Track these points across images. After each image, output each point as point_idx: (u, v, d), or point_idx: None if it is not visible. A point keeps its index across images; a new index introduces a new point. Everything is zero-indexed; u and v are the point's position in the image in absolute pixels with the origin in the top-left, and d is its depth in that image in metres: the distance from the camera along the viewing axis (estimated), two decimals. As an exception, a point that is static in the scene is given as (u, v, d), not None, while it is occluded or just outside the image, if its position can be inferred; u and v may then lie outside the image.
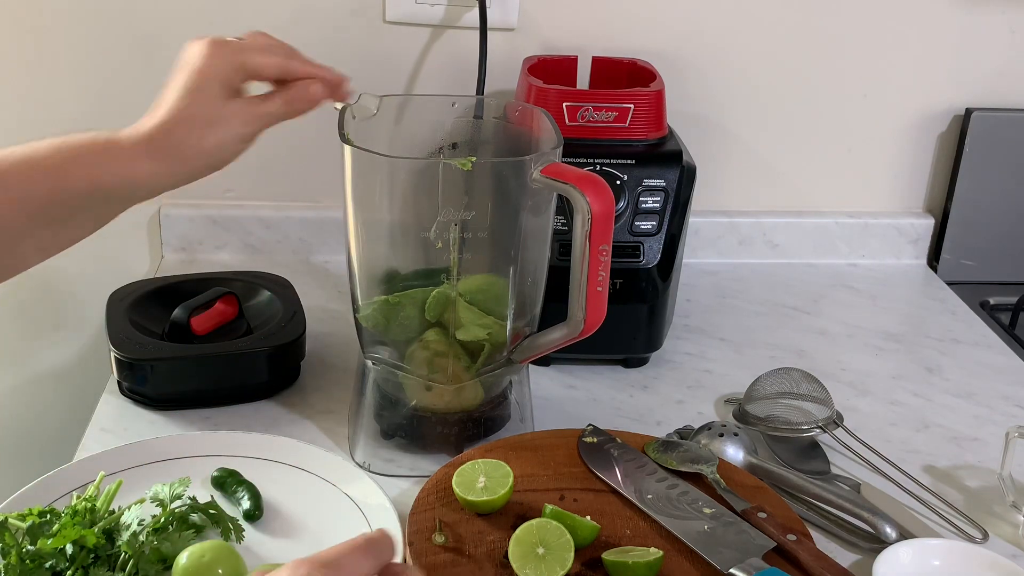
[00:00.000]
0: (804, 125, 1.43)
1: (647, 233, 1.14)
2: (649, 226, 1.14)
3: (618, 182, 1.12)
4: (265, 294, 1.17)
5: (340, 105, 0.95)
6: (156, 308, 1.12)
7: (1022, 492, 0.99)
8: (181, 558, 0.80)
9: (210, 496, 0.89)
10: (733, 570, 0.81)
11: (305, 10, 1.29)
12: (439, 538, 0.85)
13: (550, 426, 1.03)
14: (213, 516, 0.87)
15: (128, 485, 0.88)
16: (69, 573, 0.79)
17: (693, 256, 1.42)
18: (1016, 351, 1.29)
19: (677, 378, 1.18)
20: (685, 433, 1.04)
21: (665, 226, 1.14)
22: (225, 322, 1.12)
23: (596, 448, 0.97)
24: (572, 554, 0.81)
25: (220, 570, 0.80)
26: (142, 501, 0.85)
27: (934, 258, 1.50)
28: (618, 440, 0.98)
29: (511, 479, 0.88)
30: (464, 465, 0.90)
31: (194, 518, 0.86)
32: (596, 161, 1.12)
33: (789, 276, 1.45)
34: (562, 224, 1.08)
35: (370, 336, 0.98)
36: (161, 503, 0.85)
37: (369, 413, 1.01)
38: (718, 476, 0.93)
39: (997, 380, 1.22)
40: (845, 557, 0.91)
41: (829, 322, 1.33)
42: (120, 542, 0.81)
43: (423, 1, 1.29)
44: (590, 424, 1.00)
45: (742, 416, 1.08)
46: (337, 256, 1.38)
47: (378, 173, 0.92)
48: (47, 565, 0.79)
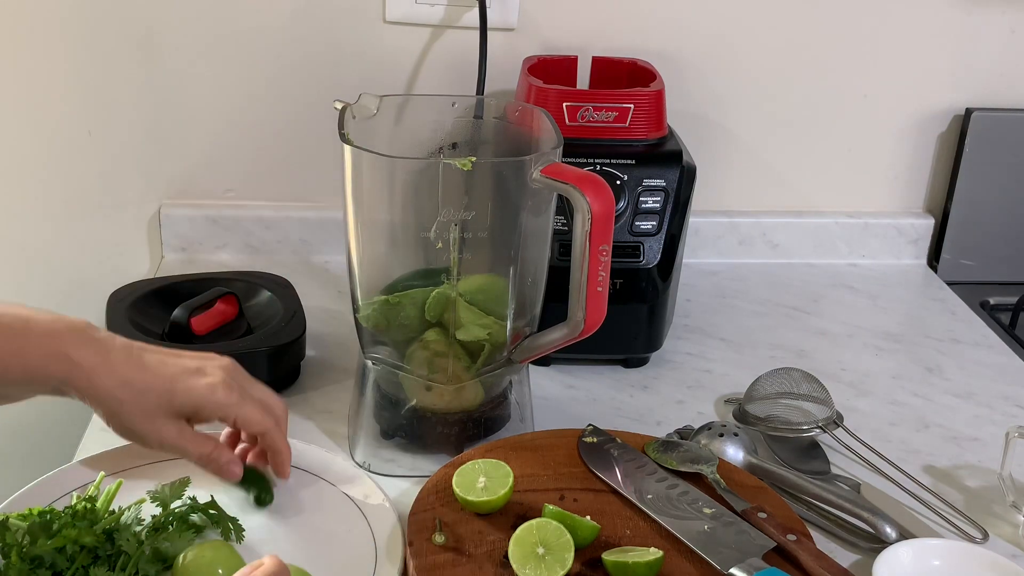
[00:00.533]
0: (804, 125, 1.43)
1: (647, 233, 1.14)
2: (649, 226, 1.14)
3: (618, 182, 1.12)
4: (265, 294, 1.17)
5: (341, 105, 0.96)
6: (156, 308, 1.12)
7: (1022, 492, 0.99)
8: (181, 558, 0.80)
9: (210, 496, 0.89)
10: (733, 570, 0.81)
11: (305, 10, 1.29)
12: (439, 538, 0.85)
13: (550, 426, 1.03)
14: (213, 516, 0.87)
15: (128, 485, 0.88)
16: (69, 573, 0.79)
17: (693, 256, 1.42)
18: (1016, 351, 1.29)
19: (677, 378, 1.18)
20: (685, 433, 1.04)
21: (665, 226, 1.14)
22: (225, 322, 1.12)
23: (596, 448, 0.97)
24: (572, 554, 0.81)
25: (220, 570, 0.80)
26: (142, 501, 0.85)
27: (934, 258, 1.50)
28: (618, 440, 0.98)
29: (511, 479, 0.88)
30: (464, 465, 0.90)
31: (194, 518, 0.86)
32: (596, 161, 1.12)
33: (789, 276, 1.45)
34: (562, 224, 1.08)
35: (370, 336, 0.98)
36: (161, 503, 0.85)
37: (369, 413, 1.01)
38: (718, 476, 0.93)
39: (997, 380, 1.22)
40: (845, 557, 0.91)
41: (829, 322, 1.33)
42: (120, 542, 0.81)
43: (423, 1, 1.29)
44: (590, 424, 1.00)
45: (742, 416, 1.08)
46: (337, 256, 1.38)
47: (378, 173, 0.92)
48: (47, 565, 0.79)
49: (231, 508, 0.88)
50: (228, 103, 1.33)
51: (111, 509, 0.85)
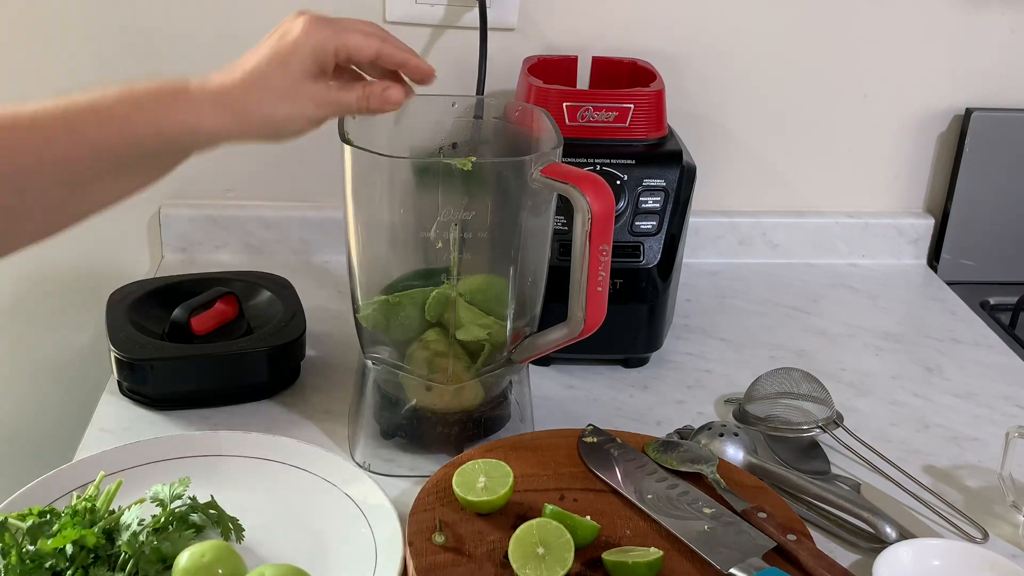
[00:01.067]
0: (804, 125, 1.43)
1: (647, 233, 1.14)
2: (649, 226, 1.14)
3: (618, 182, 1.12)
4: (265, 294, 1.17)
5: None
6: (156, 308, 1.12)
7: (1022, 492, 0.99)
8: (181, 558, 0.80)
9: (210, 496, 0.89)
10: (733, 570, 0.81)
11: (305, 10, 1.29)
12: (439, 538, 0.85)
13: (550, 426, 1.03)
14: (213, 516, 0.87)
15: (128, 485, 0.88)
16: (69, 573, 0.79)
17: (693, 256, 1.42)
18: (1016, 351, 1.29)
19: (677, 378, 1.18)
20: (685, 433, 1.04)
21: (665, 226, 1.14)
22: (225, 322, 1.12)
23: (596, 448, 0.97)
24: (572, 554, 0.81)
25: (220, 570, 0.80)
26: (142, 501, 0.85)
27: (934, 258, 1.50)
28: (618, 440, 0.98)
29: (511, 479, 0.88)
30: (464, 465, 0.90)
31: (194, 518, 0.86)
32: (596, 161, 1.12)
33: (789, 276, 1.45)
34: (562, 224, 1.08)
35: (370, 336, 0.98)
36: (161, 503, 0.85)
37: (369, 413, 1.01)
38: (718, 476, 0.93)
39: (997, 380, 1.22)
40: (845, 557, 0.91)
41: (829, 322, 1.33)
42: (120, 542, 0.81)
43: (423, 1, 1.29)
44: (590, 424, 1.00)
45: (742, 416, 1.08)
46: (337, 256, 1.38)
47: (378, 173, 0.92)
48: (47, 565, 0.79)
49: (231, 508, 0.88)
50: (228, 103, 1.33)
51: (111, 509, 0.85)
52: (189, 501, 0.86)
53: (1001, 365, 1.25)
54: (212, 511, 0.86)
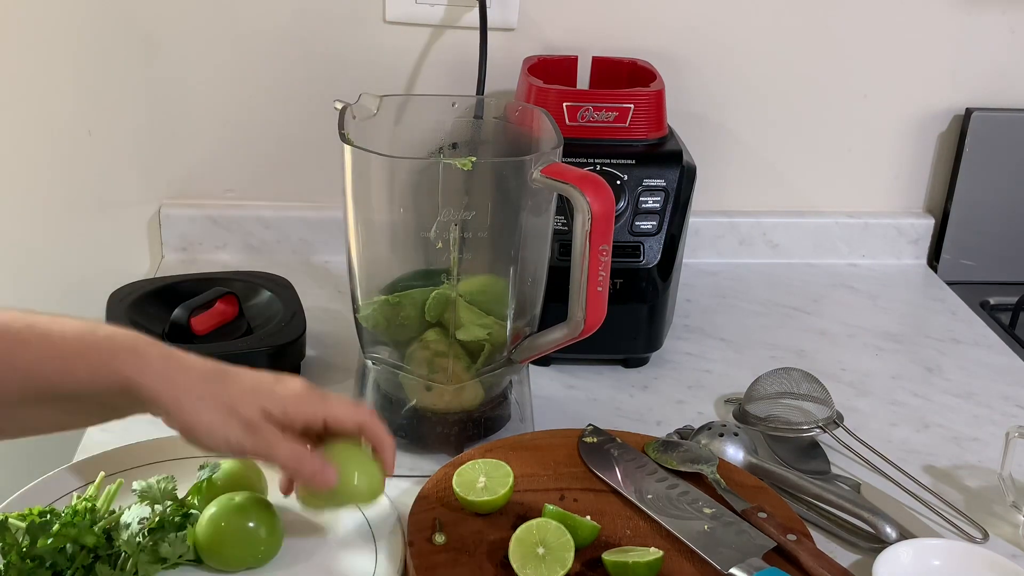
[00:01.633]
0: (804, 125, 1.43)
1: (647, 233, 1.14)
2: (649, 226, 1.14)
3: (618, 182, 1.12)
4: (265, 294, 1.17)
5: (340, 105, 0.96)
6: (156, 308, 1.12)
7: (1022, 492, 0.99)
8: (209, 509, 0.83)
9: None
10: (733, 570, 0.81)
11: (305, 10, 1.29)
12: (439, 538, 0.85)
13: (550, 426, 1.03)
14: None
15: (128, 485, 0.88)
16: (69, 573, 0.79)
17: (693, 256, 1.42)
18: (1016, 351, 1.29)
19: (677, 378, 1.18)
20: (685, 433, 1.04)
21: (665, 226, 1.14)
22: (225, 322, 1.12)
23: (596, 448, 0.97)
24: (572, 554, 0.81)
25: (241, 481, 0.85)
26: (141, 500, 0.85)
27: (934, 258, 1.50)
28: (618, 440, 0.98)
29: (511, 479, 0.88)
30: (464, 465, 0.90)
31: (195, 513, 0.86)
32: (596, 161, 1.12)
33: (789, 276, 1.45)
34: (562, 224, 1.08)
35: (370, 336, 0.98)
36: (151, 501, 0.85)
37: (369, 413, 1.01)
38: (718, 476, 0.93)
39: (997, 380, 1.22)
40: (845, 557, 0.91)
41: (829, 322, 1.33)
42: (120, 542, 0.81)
43: (423, 1, 1.29)
44: (590, 424, 1.00)
45: (742, 416, 1.08)
46: (337, 256, 1.38)
47: (378, 173, 0.92)
48: (47, 565, 0.79)
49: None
50: (228, 103, 1.33)
51: (111, 509, 0.85)
52: (181, 507, 0.86)
53: (1001, 365, 1.25)
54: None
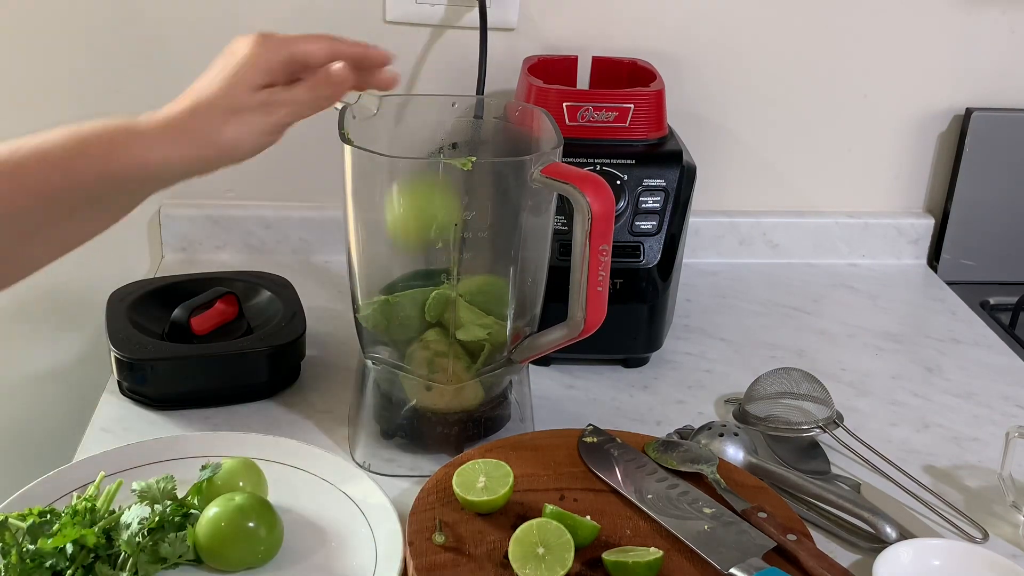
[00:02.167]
0: (804, 125, 1.43)
1: (647, 233, 1.14)
2: (649, 226, 1.14)
3: (618, 182, 1.12)
4: (265, 294, 1.17)
5: (340, 105, 0.95)
6: (156, 308, 1.12)
7: (1022, 492, 0.99)
8: (209, 509, 0.84)
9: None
10: (733, 570, 0.81)
11: (305, 10, 1.29)
12: (439, 538, 0.85)
13: (550, 426, 1.03)
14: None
15: (128, 485, 0.88)
16: (69, 573, 0.79)
17: (693, 256, 1.42)
18: (1016, 351, 1.29)
19: (677, 378, 1.18)
20: (685, 433, 1.04)
21: (665, 226, 1.14)
22: (225, 322, 1.12)
23: (596, 448, 0.97)
24: (572, 554, 0.81)
25: (241, 481, 0.86)
26: (141, 500, 0.85)
27: (934, 258, 1.50)
28: (618, 440, 0.98)
29: (511, 479, 0.88)
30: (464, 465, 0.90)
31: (195, 512, 0.86)
32: (596, 161, 1.12)
33: (789, 276, 1.45)
34: (562, 224, 1.08)
35: (370, 336, 0.98)
36: (151, 501, 0.85)
37: (369, 413, 1.01)
38: (718, 476, 0.93)
39: (997, 380, 1.22)
40: (845, 557, 0.91)
41: (829, 322, 1.33)
42: (120, 542, 0.81)
43: (423, 1, 1.29)
44: (590, 424, 1.00)
45: (742, 416, 1.08)
46: (337, 256, 1.38)
47: (378, 173, 0.92)
48: (47, 565, 0.79)
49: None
50: (228, 103, 1.33)
51: (111, 509, 0.85)
52: (181, 507, 0.86)
53: (1001, 365, 1.25)
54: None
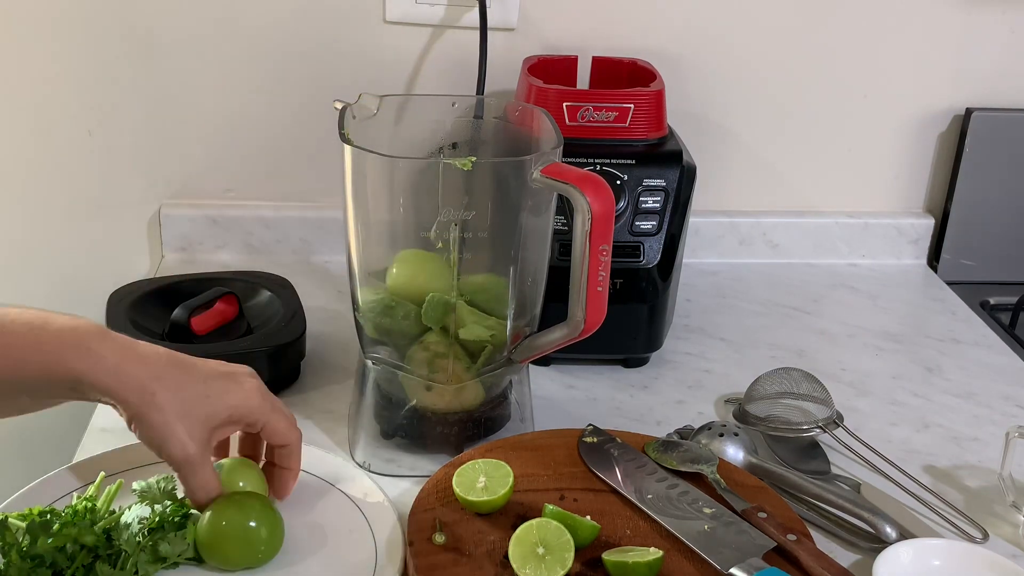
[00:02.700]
0: (804, 125, 1.43)
1: (647, 233, 1.14)
2: (649, 226, 1.14)
3: (618, 182, 1.12)
4: (265, 294, 1.17)
5: (341, 104, 0.96)
6: (156, 308, 1.12)
7: (1022, 492, 0.99)
8: (209, 509, 0.83)
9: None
10: (733, 570, 0.81)
11: (305, 10, 1.29)
12: (439, 538, 0.85)
13: (550, 426, 1.03)
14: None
15: (128, 485, 0.88)
16: (69, 573, 0.79)
17: (693, 256, 1.42)
18: (1016, 351, 1.29)
19: (677, 378, 1.18)
20: (685, 433, 1.04)
21: (665, 226, 1.14)
22: (225, 322, 1.12)
23: (596, 448, 0.97)
24: (572, 554, 0.81)
25: (241, 482, 0.85)
26: (141, 500, 0.85)
27: (934, 258, 1.50)
28: (618, 440, 0.98)
29: (511, 479, 0.88)
30: (464, 465, 0.90)
31: (194, 516, 0.86)
32: (596, 161, 1.12)
33: (789, 276, 1.45)
34: (562, 224, 1.08)
35: (370, 336, 0.98)
36: (151, 501, 0.85)
37: (369, 413, 1.01)
38: (718, 476, 0.93)
39: (997, 380, 1.22)
40: (845, 557, 0.91)
41: (829, 322, 1.33)
42: (120, 542, 0.81)
43: (423, 1, 1.29)
44: (590, 424, 1.00)
45: (742, 416, 1.08)
46: (337, 256, 1.38)
47: (378, 173, 0.92)
48: (47, 565, 0.79)
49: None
50: (228, 103, 1.33)
51: (111, 509, 0.85)
52: (181, 506, 0.86)
53: (1001, 365, 1.25)
54: None
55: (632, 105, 1.13)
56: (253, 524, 0.83)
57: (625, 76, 1.27)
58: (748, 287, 1.41)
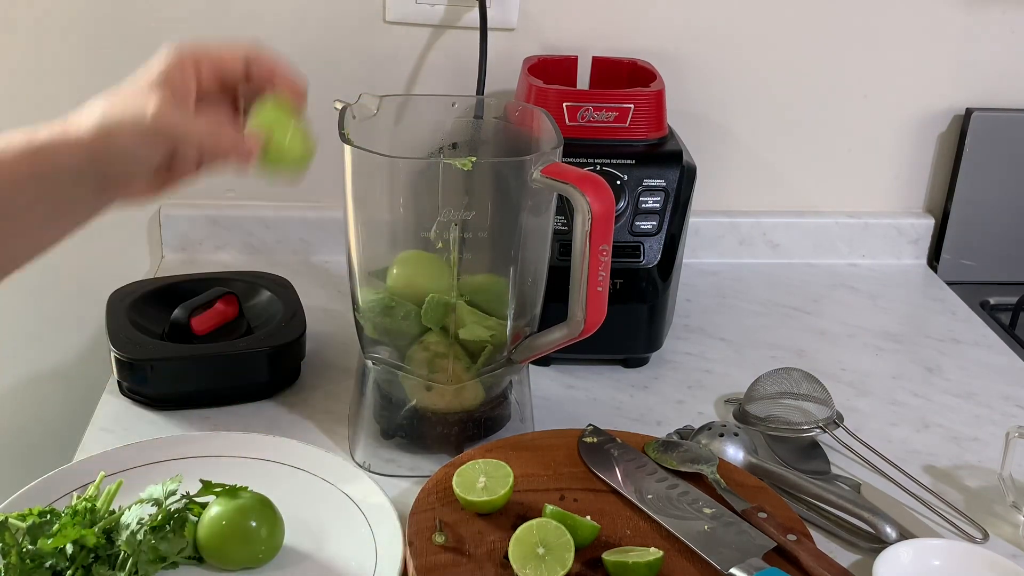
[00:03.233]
0: (804, 125, 1.43)
1: (647, 233, 1.14)
2: (649, 226, 1.14)
3: (618, 182, 1.12)
4: (265, 294, 1.17)
5: (341, 104, 0.96)
6: (156, 308, 1.12)
7: (1022, 492, 0.99)
8: (210, 508, 0.83)
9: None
10: (733, 570, 0.81)
11: (305, 10, 1.29)
12: (439, 538, 0.85)
13: (550, 426, 1.03)
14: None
15: (128, 485, 0.88)
16: (69, 573, 0.79)
17: (693, 256, 1.42)
18: (1016, 351, 1.29)
19: (677, 378, 1.18)
20: (685, 433, 1.04)
21: (665, 226, 1.14)
22: (225, 322, 1.12)
23: (596, 448, 0.97)
24: (572, 554, 0.81)
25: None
26: (141, 501, 0.85)
27: (934, 258, 1.50)
28: (618, 440, 0.98)
29: (511, 479, 0.88)
30: (464, 465, 0.90)
31: (193, 519, 0.86)
32: (596, 161, 1.12)
33: (789, 276, 1.45)
34: (562, 224, 1.08)
35: (370, 336, 0.98)
36: (156, 502, 0.85)
37: (369, 413, 1.01)
38: (718, 476, 0.93)
39: (997, 380, 1.22)
40: (845, 557, 0.91)
41: (829, 322, 1.33)
42: (119, 542, 0.81)
43: (423, 1, 1.29)
44: (590, 424, 1.00)
45: (742, 416, 1.08)
46: (337, 256, 1.38)
47: (378, 173, 0.92)
48: (47, 565, 0.79)
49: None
50: (228, 103, 1.33)
51: (111, 509, 0.85)
52: (184, 497, 0.86)
53: (1001, 365, 1.25)
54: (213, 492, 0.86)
55: (632, 105, 1.13)
56: (253, 524, 0.83)
57: (625, 76, 1.27)
58: (748, 287, 1.41)
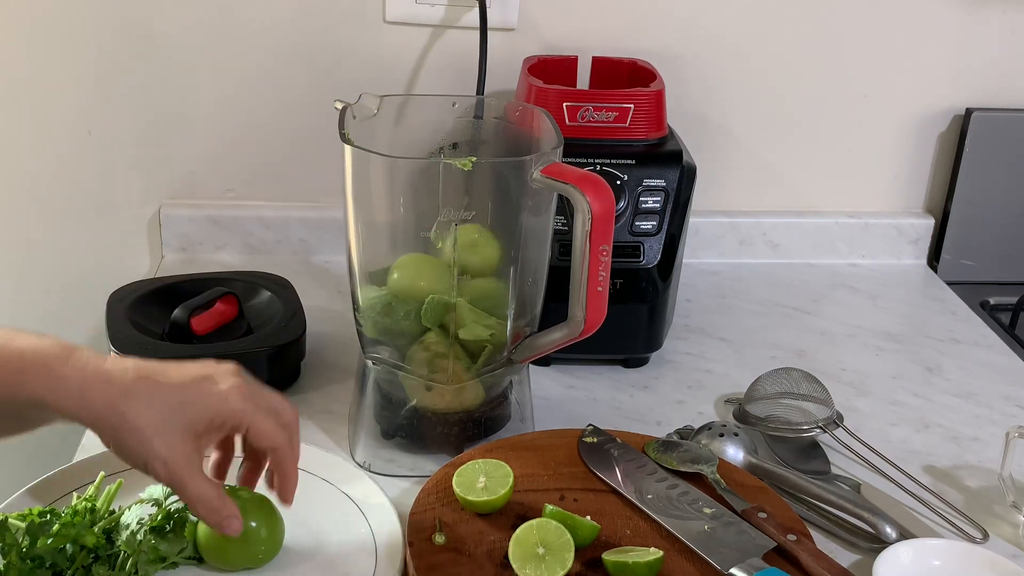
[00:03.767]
0: (804, 125, 1.43)
1: (647, 233, 1.14)
2: (649, 226, 1.14)
3: (618, 182, 1.12)
4: (265, 294, 1.17)
5: (341, 104, 0.96)
6: (156, 308, 1.12)
7: (1022, 492, 0.99)
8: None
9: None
10: (733, 570, 0.81)
11: (305, 10, 1.29)
12: (439, 538, 0.85)
13: (550, 426, 1.03)
14: None
15: (128, 485, 0.88)
16: (69, 573, 0.79)
17: (693, 256, 1.42)
18: (1016, 351, 1.29)
19: (677, 378, 1.18)
20: (685, 433, 1.04)
21: (665, 226, 1.14)
22: (225, 322, 1.12)
23: (596, 448, 0.97)
24: (572, 554, 0.81)
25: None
26: (141, 501, 0.85)
27: (934, 258, 1.50)
28: (618, 440, 0.98)
29: (511, 479, 0.88)
30: (464, 465, 0.90)
31: (193, 519, 0.86)
32: (596, 161, 1.12)
33: (789, 276, 1.45)
34: (562, 224, 1.08)
35: (370, 336, 0.98)
36: (157, 503, 0.85)
37: (369, 413, 1.01)
38: (718, 476, 0.93)
39: (997, 380, 1.22)
40: (845, 557, 0.91)
41: (829, 322, 1.33)
42: (119, 542, 0.81)
43: (423, 1, 1.29)
44: (590, 424, 1.00)
45: (742, 416, 1.08)
46: (337, 256, 1.38)
47: (378, 173, 0.92)
48: (47, 565, 0.79)
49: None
50: (228, 103, 1.33)
51: (111, 509, 0.85)
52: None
53: (1001, 365, 1.25)
54: None
55: (632, 105, 1.13)
56: (253, 524, 0.83)
57: (625, 76, 1.27)
58: (748, 287, 1.41)
